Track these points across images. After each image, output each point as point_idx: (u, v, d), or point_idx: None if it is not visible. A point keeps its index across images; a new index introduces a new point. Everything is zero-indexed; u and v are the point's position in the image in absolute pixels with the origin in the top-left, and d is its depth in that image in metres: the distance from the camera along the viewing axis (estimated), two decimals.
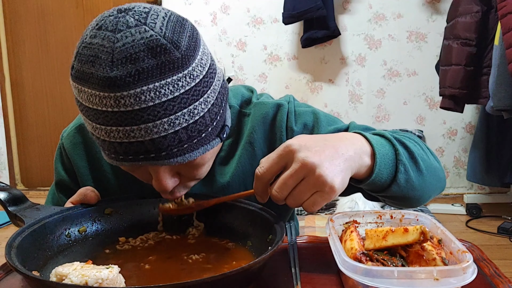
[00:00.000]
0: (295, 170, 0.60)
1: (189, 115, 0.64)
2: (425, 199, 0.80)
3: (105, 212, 0.76)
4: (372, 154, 0.68)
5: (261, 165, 0.63)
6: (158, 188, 0.70)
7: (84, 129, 0.88)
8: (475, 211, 2.91)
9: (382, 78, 3.20)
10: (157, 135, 0.62)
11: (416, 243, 0.58)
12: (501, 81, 2.20)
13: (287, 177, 0.60)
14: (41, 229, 0.66)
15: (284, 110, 0.84)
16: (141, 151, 0.63)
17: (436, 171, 0.80)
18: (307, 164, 0.59)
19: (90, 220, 0.74)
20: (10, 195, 0.70)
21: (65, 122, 0.97)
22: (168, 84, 0.61)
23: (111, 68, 0.59)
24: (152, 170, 0.69)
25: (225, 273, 0.51)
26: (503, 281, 0.60)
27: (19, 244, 0.60)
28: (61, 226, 0.70)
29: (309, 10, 2.78)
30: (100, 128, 0.63)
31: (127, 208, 0.77)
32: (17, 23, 3.62)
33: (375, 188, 0.72)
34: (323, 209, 2.96)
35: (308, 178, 0.60)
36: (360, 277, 0.53)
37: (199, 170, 0.73)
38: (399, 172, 0.70)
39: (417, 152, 0.75)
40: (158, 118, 0.61)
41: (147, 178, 0.72)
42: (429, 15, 3.09)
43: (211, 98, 0.67)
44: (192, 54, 0.64)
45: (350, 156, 0.64)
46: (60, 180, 0.90)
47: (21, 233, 0.63)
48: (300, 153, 0.60)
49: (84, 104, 0.64)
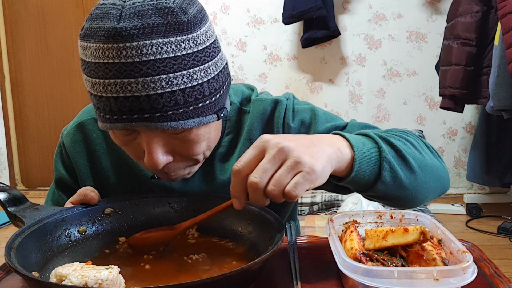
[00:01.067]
0: (272, 155, 0.58)
1: (188, 78, 0.64)
2: (421, 199, 0.77)
3: (105, 212, 0.76)
4: (350, 150, 0.66)
5: (236, 162, 0.61)
6: (149, 163, 0.68)
7: (85, 127, 0.88)
8: (475, 211, 2.91)
9: (382, 78, 3.20)
10: (153, 91, 0.62)
11: (416, 243, 0.58)
12: (501, 81, 2.20)
13: (266, 162, 0.59)
14: (41, 229, 0.66)
15: (282, 107, 0.84)
16: (135, 108, 0.63)
17: (435, 170, 0.78)
18: (283, 147, 0.58)
19: (90, 220, 0.74)
20: (10, 196, 0.70)
21: (65, 122, 0.97)
22: (171, 43, 0.63)
23: (118, 21, 0.61)
24: (145, 140, 0.67)
25: (224, 273, 0.51)
26: (503, 281, 0.60)
27: (19, 244, 0.60)
28: (61, 227, 0.70)
29: (309, 10, 2.78)
30: (99, 83, 0.63)
31: (127, 208, 0.77)
32: (17, 23, 3.62)
33: (360, 187, 0.70)
34: (323, 209, 2.96)
35: (286, 161, 0.58)
36: (360, 277, 0.53)
37: (194, 148, 0.71)
38: (383, 169, 0.68)
39: (407, 151, 0.73)
40: (156, 74, 0.62)
41: (139, 154, 0.71)
42: (429, 15, 3.09)
43: (212, 71, 0.68)
44: (198, 24, 0.66)
45: (325, 147, 0.62)
46: (60, 178, 0.90)
47: (21, 233, 0.63)
48: (274, 140, 0.60)
49: (87, 61, 0.65)
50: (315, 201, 2.97)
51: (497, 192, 3.17)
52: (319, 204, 2.96)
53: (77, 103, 3.60)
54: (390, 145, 0.72)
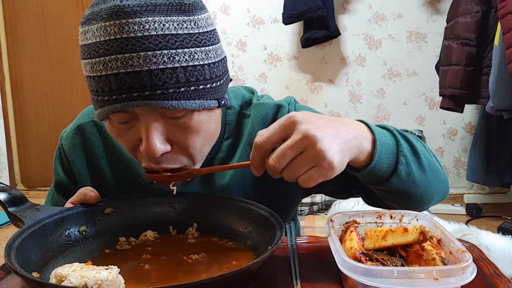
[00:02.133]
0: (295, 141, 0.58)
1: (189, 56, 0.65)
2: (427, 200, 0.78)
3: (105, 212, 0.76)
4: (372, 141, 0.66)
5: (260, 134, 0.61)
6: (146, 150, 0.66)
7: (84, 130, 0.88)
8: (475, 211, 2.91)
9: (382, 78, 3.20)
10: (155, 66, 0.62)
11: (416, 243, 0.58)
12: (501, 81, 2.20)
13: (287, 148, 0.58)
14: (40, 229, 0.66)
15: (284, 111, 0.84)
16: (136, 85, 0.62)
17: (439, 172, 0.79)
18: (309, 136, 0.58)
19: (90, 220, 0.74)
20: (10, 196, 0.70)
21: (65, 122, 0.97)
22: (173, 21, 0.64)
23: (121, 0, 0.63)
24: (143, 125, 0.66)
25: (224, 274, 0.51)
26: (502, 281, 0.60)
27: (19, 245, 0.60)
28: (61, 227, 0.70)
29: (309, 10, 2.78)
30: (99, 62, 0.63)
31: (127, 208, 0.77)
32: (17, 23, 3.62)
33: (375, 179, 0.70)
34: (323, 209, 2.96)
35: (308, 151, 0.58)
36: (359, 277, 0.53)
37: (193, 137, 0.69)
38: (400, 163, 0.69)
39: (420, 149, 0.74)
40: (158, 49, 0.62)
41: (135, 144, 0.69)
42: (429, 15, 3.09)
43: (212, 56, 0.68)
44: (199, 9, 0.68)
45: (351, 139, 0.62)
46: (59, 181, 0.90)
47: (21, 234, 0.63)
48: (302, 125, 0.59)
49: (87, 44, 0.65)
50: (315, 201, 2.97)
51: (497, 192, 3.17)
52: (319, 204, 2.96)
53: (77, 103, 3.60)
54: (406, 141, 0.72)
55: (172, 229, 0.78)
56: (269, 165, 0.60)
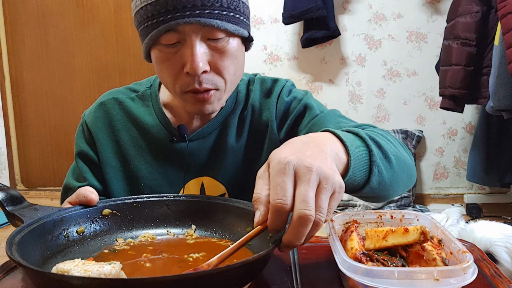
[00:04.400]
0: (311, 180, 0.55)
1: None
2: (392, 196, 0.81)
3: (103, 214, 0.76)
4: (346, 153, 0.66)
5: (277, 197, 0.55)
6: (191, 66, 0.78)
7: (106, 105, 0.97)
8: (475, 211, 2.91)
9: (382, 78, 3.20)
10: None
11: (417, 243, 0.58)
12: (501, 81, 2.20)
13: (309, 191, 0.55)
14: (40, 228, 0.66)
15: (280, 84, 0.98)
16: (189, 5, 0.75)
17: (408, 168, 0.80)
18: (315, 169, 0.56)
19: (88, 221, 0.74)
20: (8, 195, 0.70)
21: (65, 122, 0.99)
22: None
23: None
24: (190, 46, 0.78)
25: (229, 265, 0.51)
26: (503, 281, 0.60)
27: (19, 241, 0.60)
28: (59, 226, 0.70)
29: (309, 10, 2.78)
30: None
31: (125, 210, 0.77)
32: (17, 23, 3.62)
33: (348, 190, 0.70)
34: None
35: (323, 184, 0.56)
36: (360, 277, 0.52)
37: (228, 61, 0.82)
38: (373, 174, 0.69)
39: (390, 150, 0.74)
40: None
41: (178, 69, 0.81)
42: (429, 15, 3.09)
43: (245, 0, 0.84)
44: None
45: (331, 155, 0.62)
46: (81, 151, 0.96)
47: (20, 231, 0.62)
48: (301, 163, 0.56)
49: None
50: None
51: (497, 192, 3.17)
52: None
53: (77, 103, 3.60)
54: (378, 146, 0.72)
55: (170, 231, 0.78)
56: (304, 217, 0.53)
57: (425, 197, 3.23)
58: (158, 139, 0.95)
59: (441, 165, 3.23)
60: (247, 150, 0.96)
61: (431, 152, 3.22)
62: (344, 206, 2.99)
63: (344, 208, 2.98)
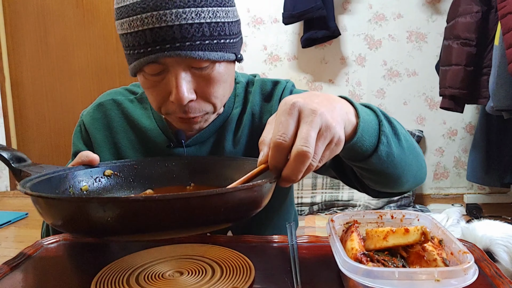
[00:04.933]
0: (313, 122, 0.56)
1: (213, 14, 0.74)
2: (403, 181, 0.79)
3: (105, 174, 0.78)
4: (356, 116, 0.67)
5: (277, 133, 0.57)
6: (176, 97, 0.75)
7: (104, 106, 0.97)
8: (475, 211, 2.91)
9: (382, 78, 3.20)
10: (185, 21, 0.72)
11: (417, 244, 0.58)
12: (501, 81, 2.20)
13: (311, 131, 0.56)
14: (47, 182, 0.66)
15: (281, 86, 0.96)
16: (168, 38, 0.72)
17: (418, 156, 0.81)
18: (319, 114, 0.57)
19: (91, 179, 0.75)
20: (13, 154, 0.71)
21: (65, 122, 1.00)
22: None
23: None
24: (173, 76, 0.75)
25: (237, 187, 0.52)
26: (504, 282, 0.60)
27: (30, 186, 0.60)
28: (65, 183, 0.71)
29: (309, 10, 2.78)
30: (137, 19, 0.72)
31: (126, 171, 0.80)
32: (17, 23, 3.62)
33: (356, 156, 0.70)
34: (323, 209, 2.96)
35: (321, 129, 0.57)
36: (360, 278, 0.52)
37: (214, 87, 0.79)
38: (381, 143, 0.70)
39: (401, 131, 0.75)
40: (187, 6, 0.72)
41: (164, 95, 0.78)
42: (429, 15, 3.09)
43: (231, 16, 0.78)
44: None
45: (340, 112, 0.62)
46: (77, 151, 0.95)
47: (30, 180, 0.63)
48: (307, 106, 0.58)
49: (125, 4, 0.74)
50: (315, 201, 2.97)
51: (497, 192, 3.17)
52: (319, 204, 2.96)
53: (77, 103, 3.60)
54: (388, 121, 0.74)
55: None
56: (302, 153, 0.55)
57: (425, 197, 3.23)
58: (156, 143, 0.94)
59: (441, 165, 3.23)
60: (245, 155, 0.94)
61: (431, 152, 3.22)
62: (344, 206, 2.99)
63: (344, 208, 2.98)
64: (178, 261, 0.70)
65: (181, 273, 0.66)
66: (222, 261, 0.69)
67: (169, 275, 0.65)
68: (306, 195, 2.96)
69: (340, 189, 2.97)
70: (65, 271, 0.72)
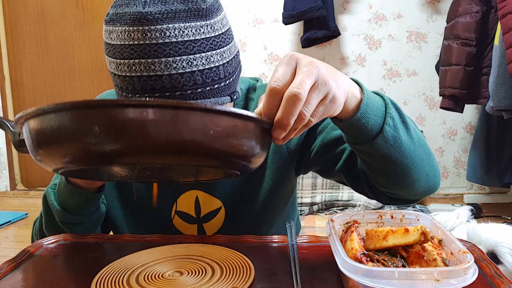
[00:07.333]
0: (309, 69, 0.56)
1: (206, 60, 0.69)
2: (414, 177, 0.74)
3: None
4: (360, 92, 0.67)
5: (273, 79, 0.57)
6: None
7: None
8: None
9: (382, 78, 3.20)
10: (175, 71, 0.66)
11: (417, 244, 0.58)
12: (501, 81, 2.20)
13: (305, 75, 0.55)
14: None
15: None
16: (158, 87, 0.67)
17: (430, 155, 0.77)
18: (316, 66, 0.56)
19: None
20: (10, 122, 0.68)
21: None
22: (192, 27, 0.67)
23: (144, 6, 0.65)
24: None
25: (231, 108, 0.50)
26: (503, 282, 0.60)
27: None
28: None
29: (309, 10, 2.78)
30: (124, 63, 0.67)
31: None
32: (17, 23, 3.62)
33: (360, 135, 0.68)
34: (323, 209, 2.96)
35: (316, 82, 0.56)
36: (360, 277, 0.52)
37: None
38: (386, 124, 0.68)
39: (410, 123, 0.74)
40: (178, 55, 0.66)
41: None
42: (429, 15, 3.09)
43: (227, 56, 0.72)
44: (216, 12, 0.71)
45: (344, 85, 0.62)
46: None
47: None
48: (306, 58, 0.58)
49: (112, 44, 0.68)
50: (315, 201, 2.97)
51: (497, 192, 3.17)
52: (319, 204, 2.96)
53: None
54: (396, 109, 0.72)
55: None
56: (293, 94, 0.54)
57: None
58: None
59: (441, 165, 3.23)
60: None
61: None
62: (344, 206, 2.99)
63: (344, 208, 2.98)
64: (178, 261, 0.70)
65: (181, 273, 0.66)
66: (222, 261, 0.69)
67: (169, 275, 0.65)
68: (306, 195, 2.96)
69: (340, 189, 2.97)
70: (65, 271, 0.72)
